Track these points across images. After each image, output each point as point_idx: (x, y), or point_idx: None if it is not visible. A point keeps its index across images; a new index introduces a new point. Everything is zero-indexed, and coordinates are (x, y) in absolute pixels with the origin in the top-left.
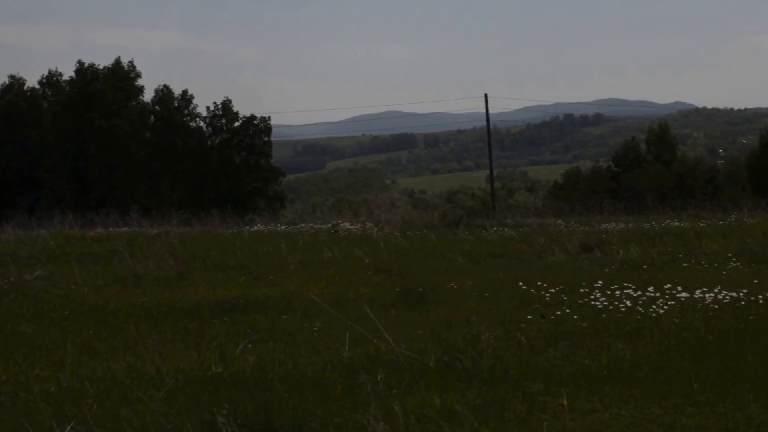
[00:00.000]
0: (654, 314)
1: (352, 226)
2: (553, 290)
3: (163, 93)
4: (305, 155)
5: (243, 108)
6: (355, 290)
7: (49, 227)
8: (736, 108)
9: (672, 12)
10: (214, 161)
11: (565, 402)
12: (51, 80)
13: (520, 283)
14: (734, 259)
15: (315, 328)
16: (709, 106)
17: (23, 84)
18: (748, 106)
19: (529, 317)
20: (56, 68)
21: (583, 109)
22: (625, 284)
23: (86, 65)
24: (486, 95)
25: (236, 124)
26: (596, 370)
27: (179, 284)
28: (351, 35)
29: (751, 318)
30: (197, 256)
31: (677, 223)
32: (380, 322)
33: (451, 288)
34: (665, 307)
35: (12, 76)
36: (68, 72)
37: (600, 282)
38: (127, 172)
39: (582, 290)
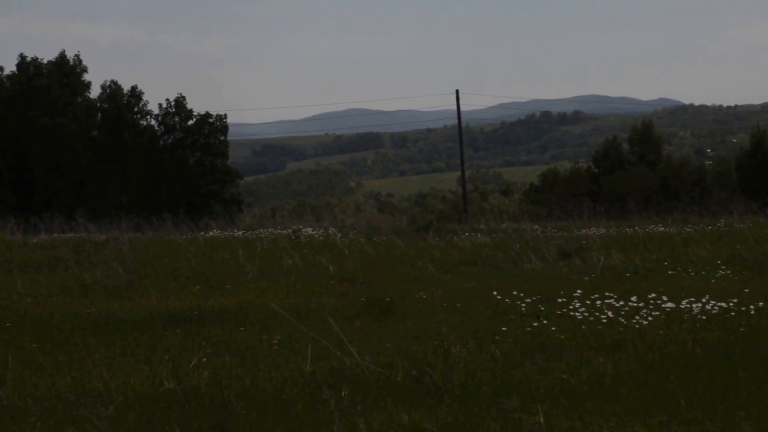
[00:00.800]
0: (637, 326)
1: (315, 232)
2: (529, 300)
3: (112, 89)
4: (264, 156)
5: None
6: (318, 300)
7: None
8: (725, 105)
9: (656, 3)
10: (167, 162)
11: (542, 420)
12: None
13: (494, 293)
14: (723, 267)
15: (275, 341)
16: (697, 103)
17: None
18: (738, 103)
19: (503, 329)
20: None
21: (562, 107)
22: (607, 293)
23: (28, 59)
24: (457, 91)
25: (190, 122)
26: (575, 385)
27: (129, 294)
28: (313, 28)
29: (741, 330)
30: (148, 264)
31: (662, 229)
32: (344, 334)
33: (420, 298)
34: (649, 318)
35: None
36: (9, 66)
37: (579, 291)
38: (73, 174)
39: (560, 300)
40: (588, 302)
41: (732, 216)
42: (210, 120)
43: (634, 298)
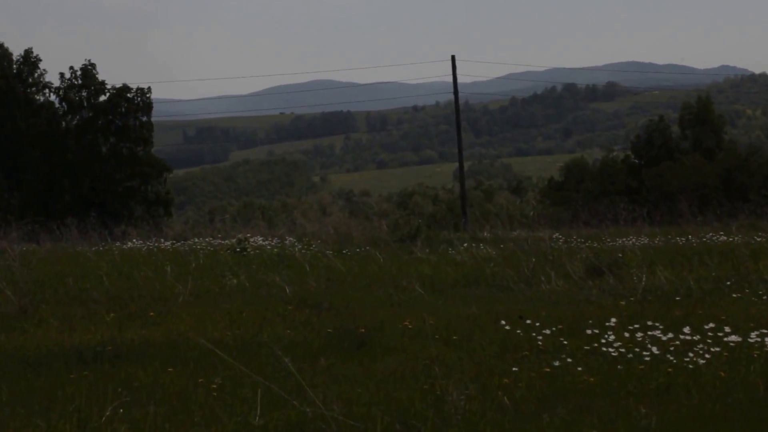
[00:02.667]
0: (691, 365)
1: (267, 242)
2: (548, 331)
3: None
4: (200, 142)
5: (112, 75)
6: (271, 332)
7: None
8: None
9: None
10: (71, 150)
11: None
12: None
13: (502, 322)
14: None
15: (214, 386)
16: None
17: None
18: None
19: (514, 369)
20: None
21: (591, 77)
22: (650, 323)
23: None
24: (453, 58)
25: (102, 98)
26: None
27: (22, 324)
28: None
29: None
30: (47, 285)
31: (724, 238)
32: (305, 376)
33: (405, 328)
34: (707, 356)
35: None
36: None
37: (614, 320)
38: None
39: (589, 331)
40: (626, 334)
41: None
42: (128, 95)
43: (686, 330)
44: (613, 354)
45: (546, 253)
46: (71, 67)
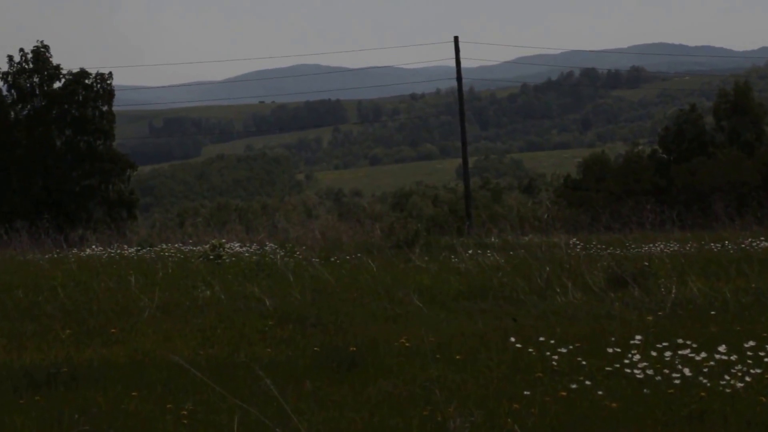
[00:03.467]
0: (728, 389)
1: (244, 249)
2: (564, 350)
3: None
4: (169, 134)
5: (68, 59)
6: (249, 350)
7: None
8: None
9: None
10: (21, 144)
11: None
12: None
13: (512, 339)
14: None
15: (184, 412)
16: None
17: None
18: None
19: (525, 393)
20: None
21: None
22: (681, 341)
23: None
24: (456, 39)
25: (57, 84)
26: None
27: None
28: None
29: None
30: None
31: (766, 244)
32: (288, 400)
33: (402, 346)
34: (747, 379)
35: None
36: None
37: (639, 337)
38: None
39: (611, 350)
40: (653, 354)
41: None
42: (87, 81)
43: (722, 348)
44: (638, 376)
45: (562, 260)
46: (21, 50)
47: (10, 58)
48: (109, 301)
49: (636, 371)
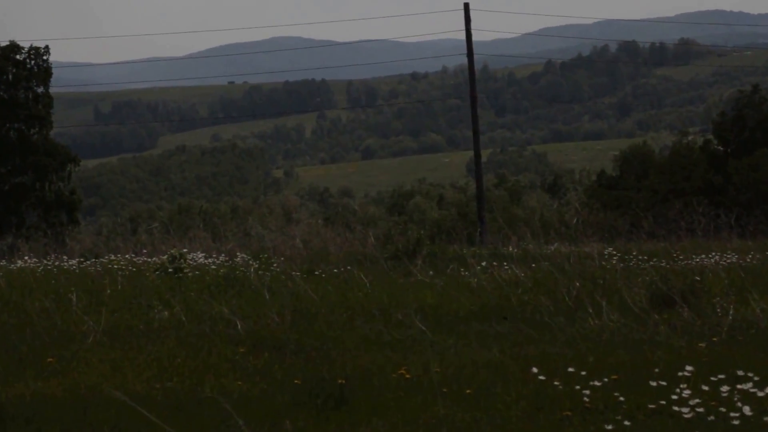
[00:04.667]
0: None
1: (210, 260)
2: (597, 383)
3: None
4: (117, 121)
5: None
6: (216, 384)
7: None
8: None
9: None
10: None
11: None
12: None
13: (534, 370)
14: None
15: None
16: None
17: None
18: None
19: None
20: None
21: (657, 32)
22: (740, 372)
23: None
24: (467, 6)
25: None
26: None
27: None
28: None
29: None
30: None
31: None
32: None
33: (401, 378)
34: None
35: None
36: None
37: (690, 368)
38: None
39: (654, 384)
40: (706, 388)
41: None
42: (18, 56)
43: None
44: (687, 415)
45: (595, 275)
46: None
47: None
48: (44, 325)
49: (685, 409)
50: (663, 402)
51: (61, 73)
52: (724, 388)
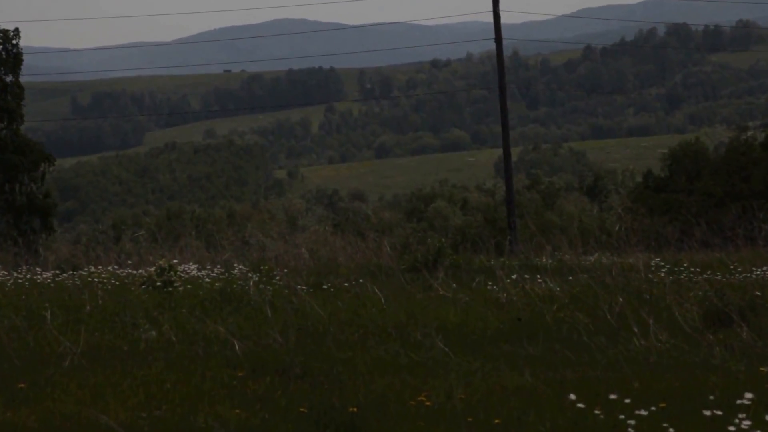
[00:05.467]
0: None
1: (204, 272)
2: (644, 412)
3: None
4: (98, 114)
5: None
6: (211, 412)
7: None
8: None
9: None
10: None
11: None
12: None
13: (571, 396)
14: None
15: None
16: None
17: None
18: None
19: None
20: None
21: (712, 13)
22: None
23: None
24: None
25: None
26: None
27: None
28: None
29: None
30: None
31: None
32: None
33: (420, 406)
34: None
35: None
36: None
37: (750, 395)
38: None
39: (709, 413)
40: None
41: None
42: None
43: None
44: None
45: (640, 289)
46: None
47: None
48: (15, 346)
49: None
50: None
51: (34, 59)
52: None
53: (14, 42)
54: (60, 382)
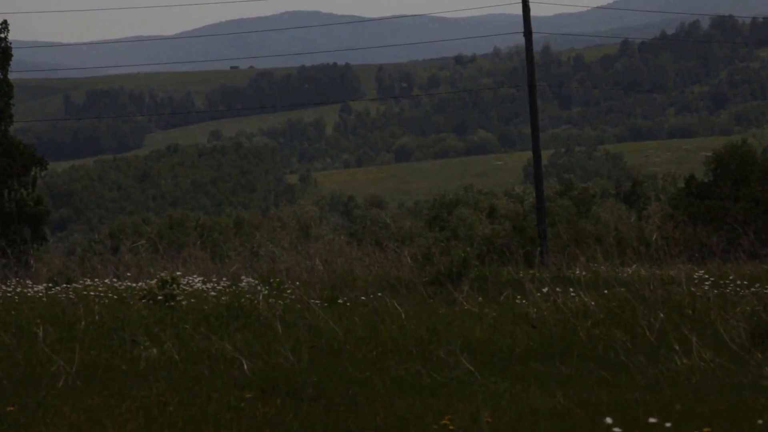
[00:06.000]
0: None
1: (209, 286)
2: None
3: None
4: (94, 114)
5: None
6: None
7: None
8: None
9: None
10: None
11: None
12: None
13: (607, 420)
14: None
15: None
16: None
17: None
18: None
19: None
20: None
21: (760, 5)
22: None
23: None
24: None
25: None
26: None
27: None
28: None
29: None
30: None
31: None
32: None
33: (444, 430)
34: None
35: None
36: None
37: None
38: None
39: None
40: None
41: None
42: None
43: None
44: None
45: (682, 304)
46: None
47: None
48: (4, 365)
49: None
50: None
51: (23, 54)
52: None
53: (2, 35)
54: (53, 405)
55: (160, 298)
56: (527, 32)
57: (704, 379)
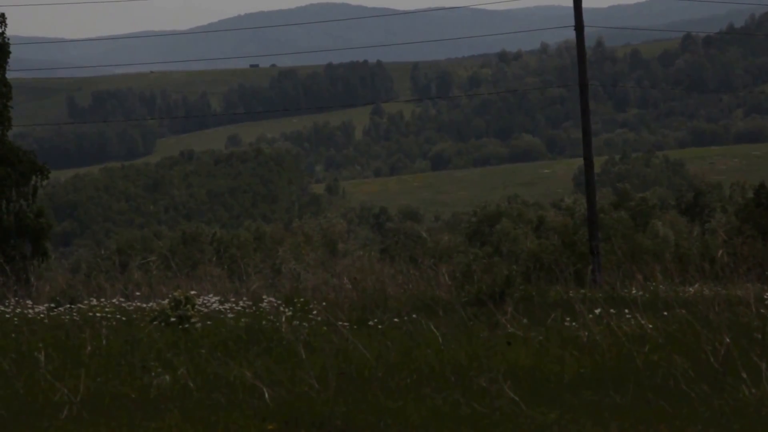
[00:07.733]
0: None
1: (226, 306)
2: None
3: None
4: (100, 117)
5: None
6: None
7: None
8: None
9: None
10: None
11: None
12: None
13: None
14: None
15: None
16: None
17: None
18: None
19: None
20: None
21: None
22: None
23: None
24: None
25: None
26: None
27: None
28: None
29: None
30: None
31: None
32: None
33: None
34: None
35: None
36: None
37: None
38: None
39: None
40: None
41: None
42: None
43: None
44: None
45: (750, 327)
46: None
47: None
48: (3, 394)
49: None
50: None
51: (23, 52)
52: None
53: (0, 31)
54: None
55: (173, 320)
56: (578, 26)
57: None
